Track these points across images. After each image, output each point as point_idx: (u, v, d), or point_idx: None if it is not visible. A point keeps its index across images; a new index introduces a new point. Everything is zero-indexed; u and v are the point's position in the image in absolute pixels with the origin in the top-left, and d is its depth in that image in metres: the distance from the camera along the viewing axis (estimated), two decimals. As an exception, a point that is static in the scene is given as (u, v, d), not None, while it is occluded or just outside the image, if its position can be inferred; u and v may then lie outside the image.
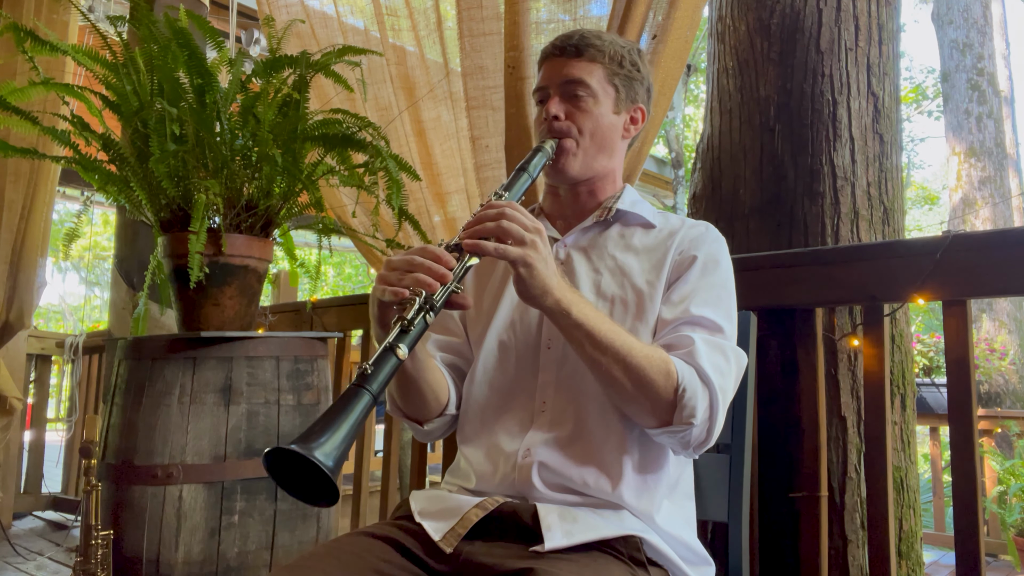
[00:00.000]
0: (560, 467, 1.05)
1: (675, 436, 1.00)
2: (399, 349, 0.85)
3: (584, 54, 1.17)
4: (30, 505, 4.03)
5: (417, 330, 0.87)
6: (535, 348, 1.14)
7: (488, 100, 2.06)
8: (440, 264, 0.91)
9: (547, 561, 0.92)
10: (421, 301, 0.88)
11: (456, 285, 0.92)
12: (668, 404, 0.98)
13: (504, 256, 0.92)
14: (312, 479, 0.77)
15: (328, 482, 0.75)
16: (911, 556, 1.82)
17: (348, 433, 0.77)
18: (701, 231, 1.17)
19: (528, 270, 0.93)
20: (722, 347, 1.04)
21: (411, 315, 0.87)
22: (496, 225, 0.94)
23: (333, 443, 0.75)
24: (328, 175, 2.02)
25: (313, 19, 2.69)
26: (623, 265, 1.15)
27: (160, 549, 1.66)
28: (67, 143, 1.89)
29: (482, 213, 0.97)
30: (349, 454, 3.60)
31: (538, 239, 0.94)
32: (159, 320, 2.55)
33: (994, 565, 4.02)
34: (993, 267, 1.36)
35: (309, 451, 0.73)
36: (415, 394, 1.12)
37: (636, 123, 1.23)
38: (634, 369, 0.96)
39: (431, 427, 1.18)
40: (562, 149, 1.15)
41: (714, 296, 1.09)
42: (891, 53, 2.06)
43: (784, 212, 1.93)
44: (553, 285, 0.95)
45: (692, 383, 0.98)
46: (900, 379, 1.86)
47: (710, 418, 0.99)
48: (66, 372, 4.25)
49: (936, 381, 5.15)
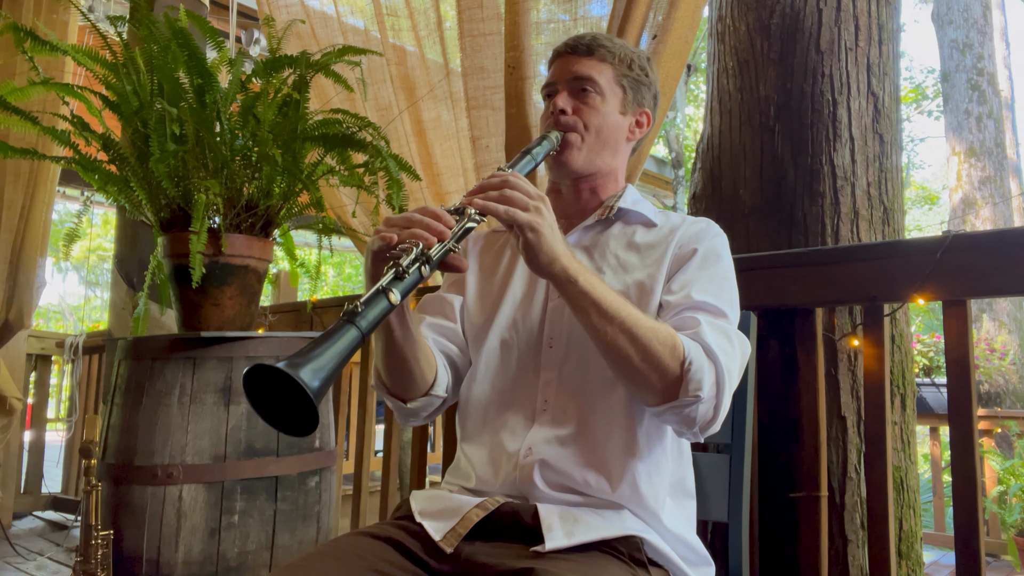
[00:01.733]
0: (562, 466, 1.05)
1: (680, 412, 0.97)
2: (391, 293, 0.82)
3: (595, 54, 1.18)
4: (30, 505, 4.03)
5: (411, 279, 0.85)
6: (537, 347, 1.14)
7: (488, 100, 2.06)
8: (440, 223, 0.91)
9: (548, 561, 0.92)
10: (417, 252, 0.87)
11: (454, 244, 0.91)
12: (674, 377, 0.96)
13: (512, 219, 0.91)
14: (292, 405, 0.74)
15: (308, 405, 0.71)
16: (911, 556, 1.82)
17: (333, 362, 0.73)
18: (702, 227, 1.17)
19: (536, 235, 0.92)
20: (726, 330, 1.03)
21: (406, 263, 0.85)
22: (500, 192, 0.93)
23: (317, 365, 0.72)
24: (328, 175, 2.02)
25: (313, 19, 2.69)
26: (625, 263, 1.15)
27: (160, 549, 1.66)
28: (67, 143, 1.89)
29: (486, 181, 0.96)
30: (349, 454, 3.58)
31: (543, 206, 0.94)
32: (159, 320, 2.55)
33: (994, 565, 4.02)
34: (993, 267, 1.36)
35: (294, 370, 0.70)
36: (401, 366, 1.07)
37: (641, 127, 1.24)
38: (640, 340, 0.94)
39: (415, 405, 1.13)
40: (567, 143, 1.16)
41: (715, 286, 1.09)
42: (891, 53, 2.06)
43: (784, 212, 1.93)
44: (560, 251, 0.94)
45: (698, 357, 0.96)
46: (900, 379, 1.86)
47: (716, 394, 0.97)
48: (66, 372, 4.25)
49: (936, 381, 5.15)
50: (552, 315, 1.15)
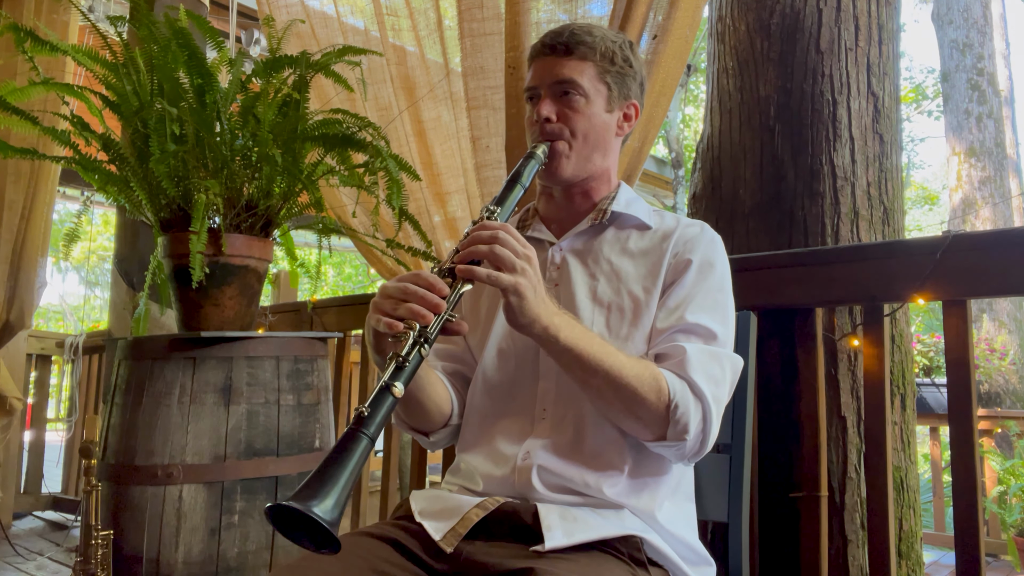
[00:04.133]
0: (560, 470, 1.06)
1: (670, 450, 1.03)
2: (395, 387, 0.86)
3: (574, 52, 1.14)
4: (30, 505, 4.03)
5: (412, 364, 0.89)
6: (534, 355, 1.14)
7: (488, 100, 2.06)
8: (433, 292, 0.92)
9: (547, 561, 0.92)
10: (415, 335, 0.89)
11: (450, 313, 0.93)
12: (661, 420, 0.99)
13: (496, 283, 0.93)
14: (314, 529, 0.78)
15: (329, 534, 0.77)
16: (911, 556, 1.82)
17: (347, 483, 0.79)
18: (696, 232, 1.16)
19: (518, 299, 0.94)
20: (717, 355, 1.05)
21: (405, 351, 0.88)
22: (489, 250, 0.94)
23: (333, 496, 0.77)
24: (328, 175, 2.02)
25: (313, 19, 2.69)
26: (619, 270, 1.15)
27: (160, 549, 1.66)
28: (67, 143, 1.88)
29: (476, 234, 0.96)
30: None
31: (528, 266, 0.95)
32: (159, 320, 2.54)
33: (994, 565, 4.02)
34: (993, 267, 1.36)
35: (308, 508, 0.75)
36: (419, 410, 1.14)
37: (630, 119, 1.22)
38: (624, 388, 0.97)
39: (436, 438, 1.21)
40: (555, 152, 1.14)
41: (710, 301, 1.09)
42: (891, 53, 2.06)
43: (784, 212, 1.93)
44: (541, 312, 0.95)
45: (684, 398, 0.99)
46: (900, 379, 1.86)
47: (703, 431, 1.01)
48: (66, 372, 4.25)
49: (936, 381, 5.15)
50: None
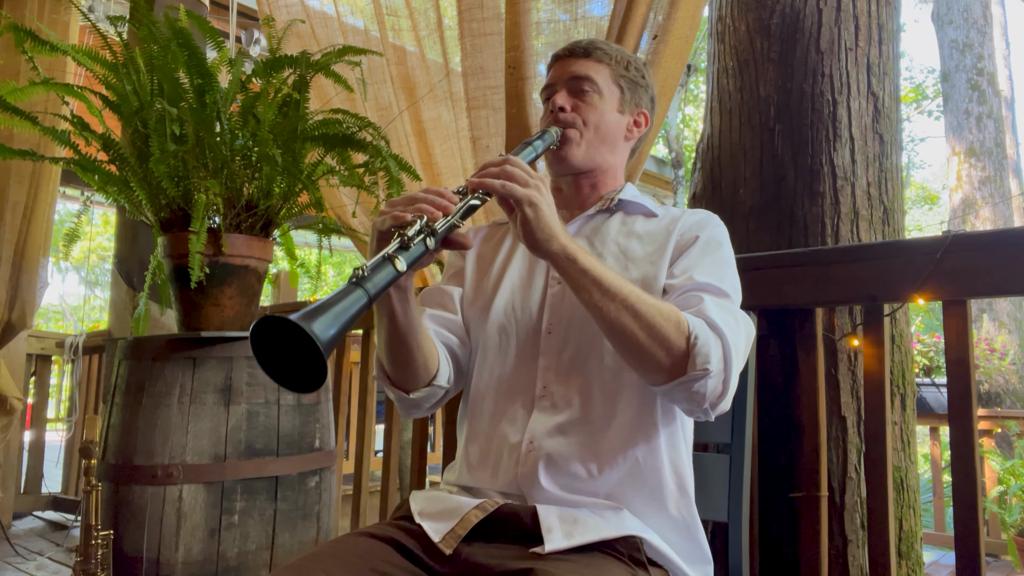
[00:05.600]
0: (564, 458, 1.05)
1: (689, 388, 0.96)
2: (397, 260, 0.82)
3: (592, 55, 1.22)
4: (30, 505, 4.03)
5: (416, 250, 0.86)
6: (536, 333, 1.14)
7: (488, 100, 2.06)
8: (443, 199, 0.92)
9: (547, 562, 0.92)
10: (422, 224, 0.88)
11: (458, 220, 0.93)
12: (681, 352, 0.95)
13: (510, 193, 0.94)
14: (298, 360, 0.73)
15: (317, 357, 0.70)
16: (911, 556, 1.82)
17: (342, 319, 0.73)
18: (702, 216, 1.19)
19: (534, 210, 0.94)
20: (730, 309, 1.04)
21: (412, 233, 0.86)
22: (500, 169, 0.96)
23: (326, 320, 0.71)
24: (328, 175, 2.02)
25: (313, 19, 2.69)
26: (626, 250, 1.16)
27: (160, 549, 1.66)
28: (67, 143, 1.89)
29: (488, 161, 0.99)
30: (349, 454, 3.58)
31: (542, 185, 0.96)
32: (159, 320, 2.55)
33: (994, 565, 4.02)
34: (993, 267, 1.36)
35: (304, 322, 0.69)
36: (404, 354, 1.06)
37: (639, 127, 1.26)
38: (644, 316, 0.94)
39: (417, 396, 1.12)
40: (566, 138, 1.19)
41: (718, 270, 1.09)
42: (891, 53, 2.06)
43: (784, 212, 1.93)
44: (559, 230, 0.96)
45: (704, 332, 0.96)
46: (900, 379, 1.86)
47: (725, 368, 0.96)
48: (66, 372, 4.26)
49: (936, 381, 5.15)
50: (552, 301, 1.15)
